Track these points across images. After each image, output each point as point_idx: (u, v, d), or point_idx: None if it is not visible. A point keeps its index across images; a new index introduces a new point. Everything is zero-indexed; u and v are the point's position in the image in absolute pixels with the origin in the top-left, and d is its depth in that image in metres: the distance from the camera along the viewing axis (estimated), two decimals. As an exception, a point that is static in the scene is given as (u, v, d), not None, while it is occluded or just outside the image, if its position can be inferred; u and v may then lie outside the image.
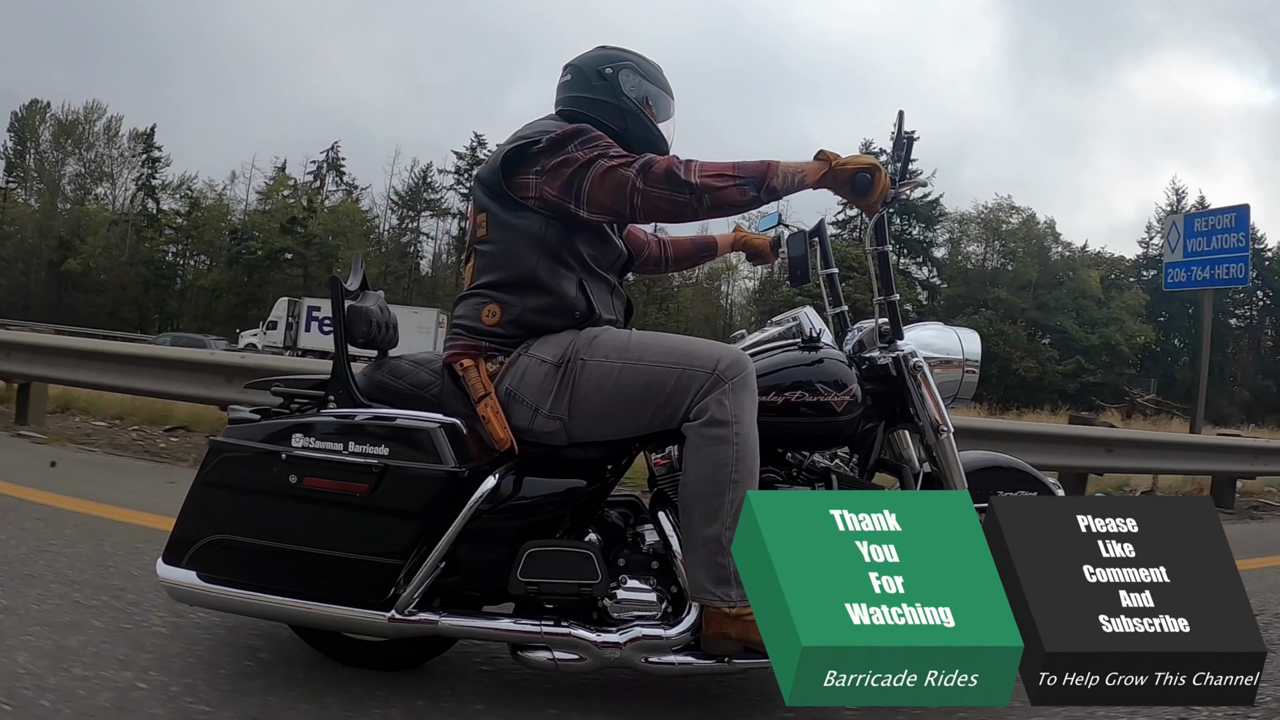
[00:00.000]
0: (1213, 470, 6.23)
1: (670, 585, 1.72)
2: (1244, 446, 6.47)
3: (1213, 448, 6.34)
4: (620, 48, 1.92)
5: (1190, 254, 9.18)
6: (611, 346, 1.69)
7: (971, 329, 2.08)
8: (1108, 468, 5.62)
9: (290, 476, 1.58)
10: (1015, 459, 2.11)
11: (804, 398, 1.76)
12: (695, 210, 1.62)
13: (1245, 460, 6.29)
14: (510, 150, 1.72)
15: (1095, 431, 6.24)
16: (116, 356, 4.92)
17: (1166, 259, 9.75)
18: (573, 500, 1.73)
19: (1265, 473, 6.42)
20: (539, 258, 1.71)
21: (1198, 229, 9.12)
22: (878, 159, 1.65)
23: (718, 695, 1.85)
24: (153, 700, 1.58)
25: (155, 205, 42.63)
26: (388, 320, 1.86)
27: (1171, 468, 6.08)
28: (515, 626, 1.66)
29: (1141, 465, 5.84)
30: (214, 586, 1.62)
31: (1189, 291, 10.32)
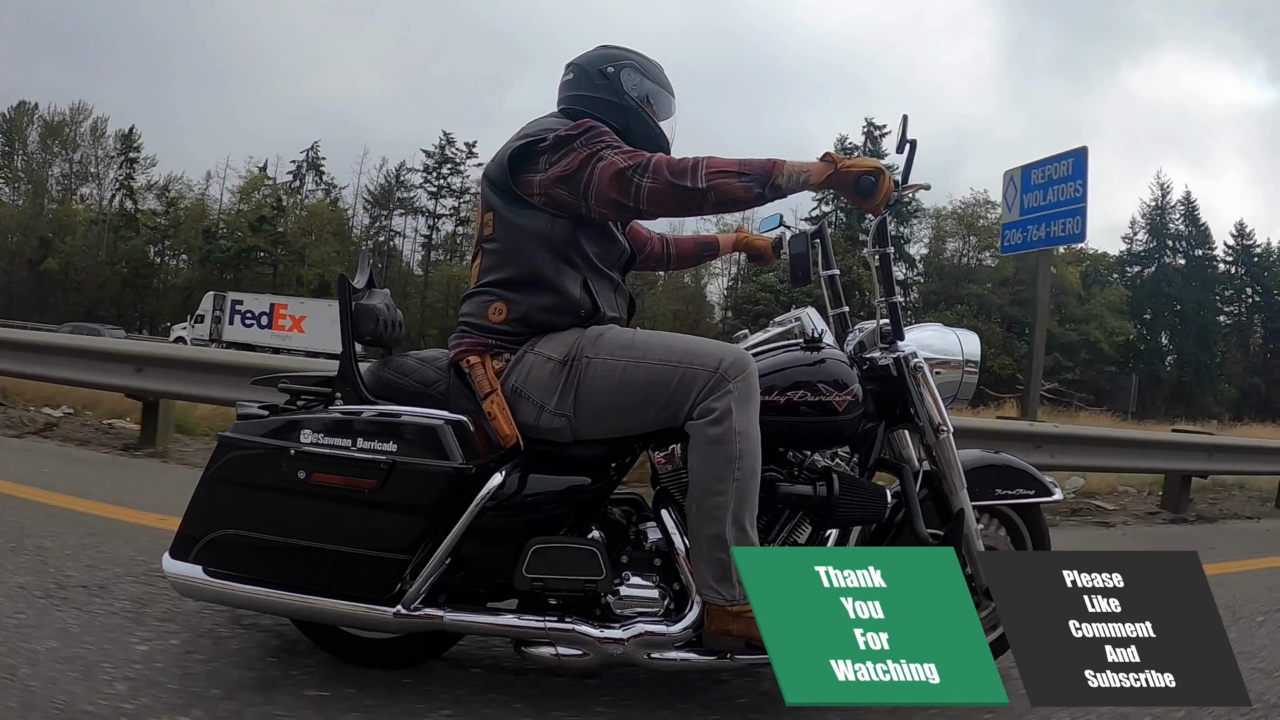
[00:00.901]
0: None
1: (673, 582, 1.73)
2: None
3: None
4: (622, 47, 1.93)
5: (1027, 210, 7.50)
6: (616, 345, 1.70)
7: (970, 330, 2.10)
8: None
9: (299, 472, 1.59)
10: (1014, 458, 2.13)
11: (806, 397, 1.78)
12: (700, 206, 1.64)
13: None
14: (517, 148, 1.73)
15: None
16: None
17: (1004, 220, 8.09)
18: (577, 497, 1.75)
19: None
20: (545, 256, 1.73)
21: (1034, 181, 7.43)
22: (882, 162, 1.67)
23: (718, 691, 1.87)
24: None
25: (134, 205, 43.30)
26: (394, 318, 1.87)
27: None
28: (520, 622, 1.68)
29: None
30: (220, 581, 1.63)
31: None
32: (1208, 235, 50.12)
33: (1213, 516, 5.99)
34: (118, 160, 43.67)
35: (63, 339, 5.63)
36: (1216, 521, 5.86)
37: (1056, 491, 2.08)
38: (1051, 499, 2.06)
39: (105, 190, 43.68)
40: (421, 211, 45.41)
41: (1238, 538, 5.12)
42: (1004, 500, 2.04)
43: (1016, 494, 2.04)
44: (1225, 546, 4.52)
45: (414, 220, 45.64)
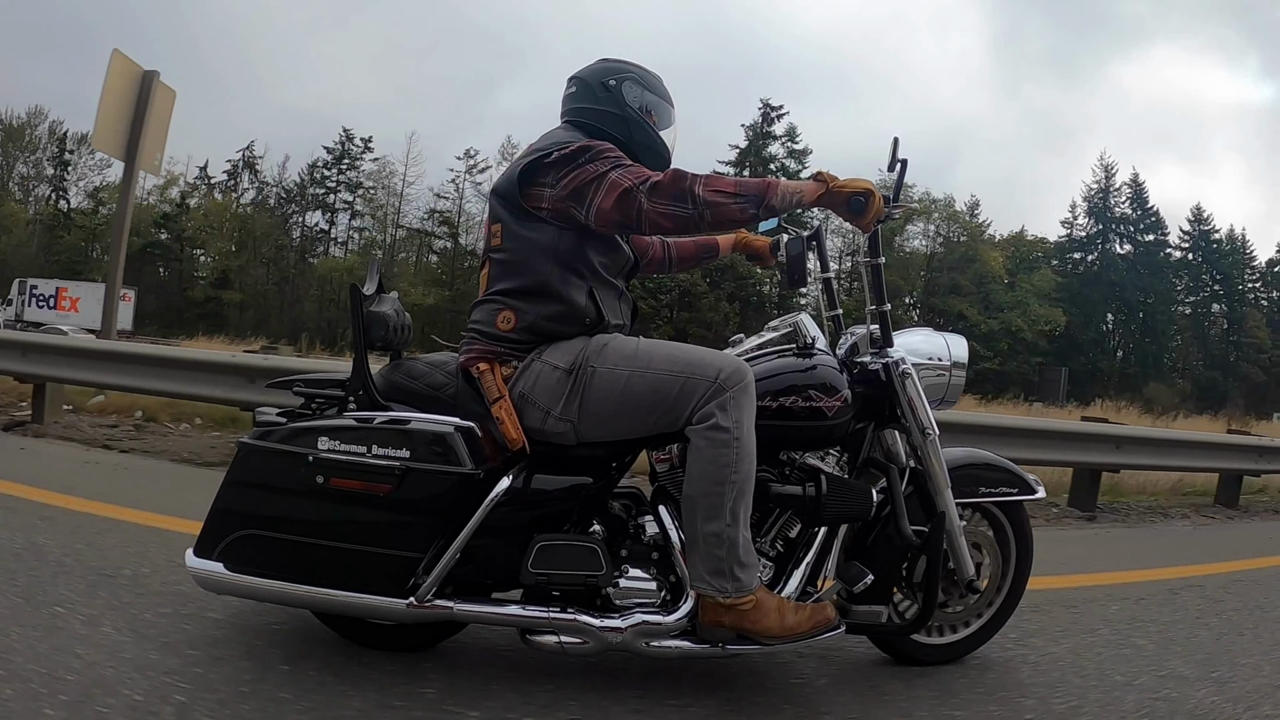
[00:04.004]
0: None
1: (669, 575, 1.83)
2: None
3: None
4: (622, 59, 1.99)
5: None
6: (620, 355, 1.78)
7: (958, 334, 2.17)
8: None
9: (317, 477, 1.68)
10: (997, 456, 2.21)
11: (797, 403, 1.85)
12: (698, 225, 1.71)
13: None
14: (526, 164, 1.80)
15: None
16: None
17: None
18: (580, 496, 1.84)
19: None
20: (552, 267, 1.80)
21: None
22: (873, 182, 1.72)
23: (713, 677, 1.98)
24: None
25: (67, 205, 44.95)
26: (403, 323, 1.94)
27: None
28: (524, 612, 1.78)
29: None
30: (243, 577, 1.72)
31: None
32: (1160, 220, 47.64)
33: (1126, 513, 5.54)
34: (78, 162, 45.10)
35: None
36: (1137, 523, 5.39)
37: (1039, 490, 2.17)
38: (1034, 497, 2.15)
39: (44, 190, 45.41)
40: (322, 206, 46.87)
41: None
42: (987, 498, 2.13)
43: (1000, 492, 2.13)
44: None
45: (326, 215, 47.22)
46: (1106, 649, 2.41)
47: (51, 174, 44.72)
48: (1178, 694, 2.08)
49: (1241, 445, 6.47)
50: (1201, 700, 2.05)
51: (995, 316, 40.55)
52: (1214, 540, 5.02)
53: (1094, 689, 2.07)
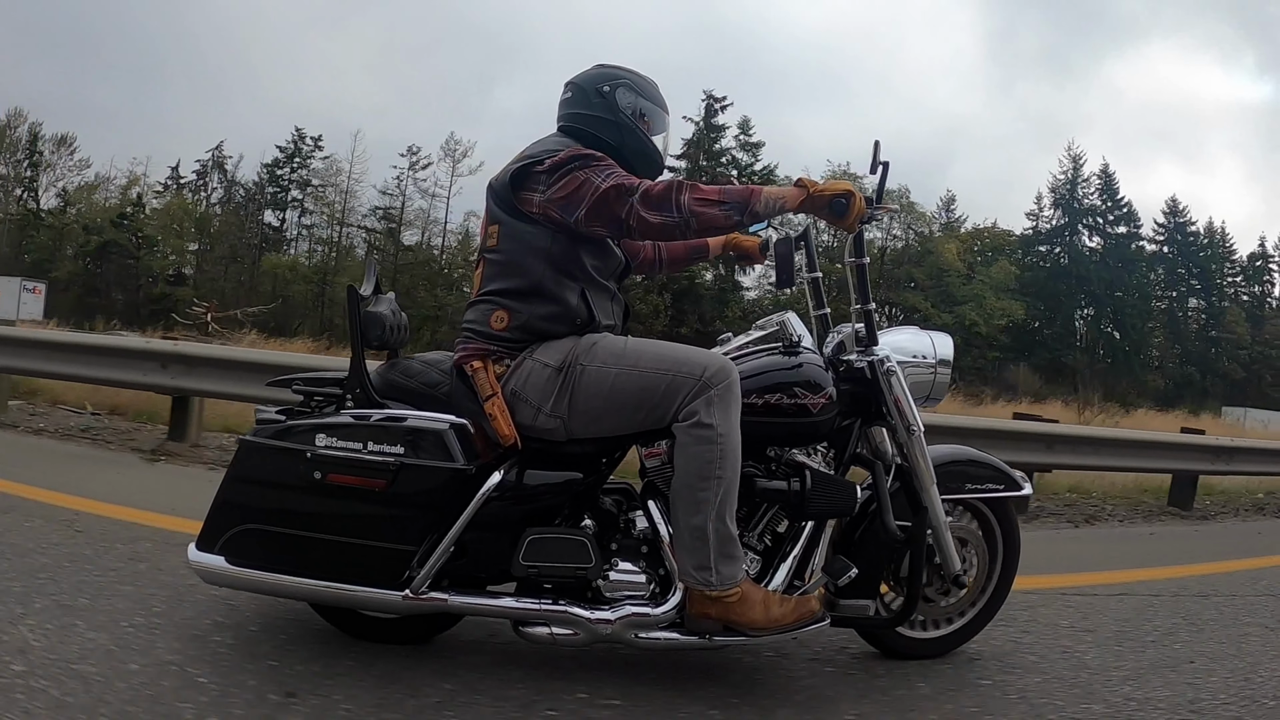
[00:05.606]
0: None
1: (658, 568, 1.88)
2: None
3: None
4: (617, 66, 2.04)
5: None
6: (609, 354, 1.83)
7: (944, 332, 2.20)
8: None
9: (315, 473, 1.73)
10: (983, 453, 2.25)
11: (783, 400, 1.90)
12: (684, 232, 1.76)
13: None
14: (517, 169, 1.85)
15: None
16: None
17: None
18: (570, 490, 1.89)
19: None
20: (545, 268, 1.85)
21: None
22: (854, 183, 1.77)
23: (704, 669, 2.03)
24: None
25: (36, 204, 45.59)
26: (399, 322, 2.00)
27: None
28: (517, 604, 1.83)
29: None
30: (243, 569, 1.78)
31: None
32: (1132, 213, 46.01)
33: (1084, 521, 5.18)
34: (56, 164, 45.75)
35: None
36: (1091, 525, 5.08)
37: (1026, 486, 2.20)
38: (1020, 493, 2.18)
39: (42, 193, 46.01)
40: (275, 204, 47.38)
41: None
42: (974, 494, 2.16)
43: (986, 488, 2.17)
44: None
45: (278, 213, 47.70)
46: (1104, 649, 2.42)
47: (28, 176, 45.31)
48: (1175, 693, 2.10)
49: (1193, 445, 6.21)
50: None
51: (951, 310, 39.45)
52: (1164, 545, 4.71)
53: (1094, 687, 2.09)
